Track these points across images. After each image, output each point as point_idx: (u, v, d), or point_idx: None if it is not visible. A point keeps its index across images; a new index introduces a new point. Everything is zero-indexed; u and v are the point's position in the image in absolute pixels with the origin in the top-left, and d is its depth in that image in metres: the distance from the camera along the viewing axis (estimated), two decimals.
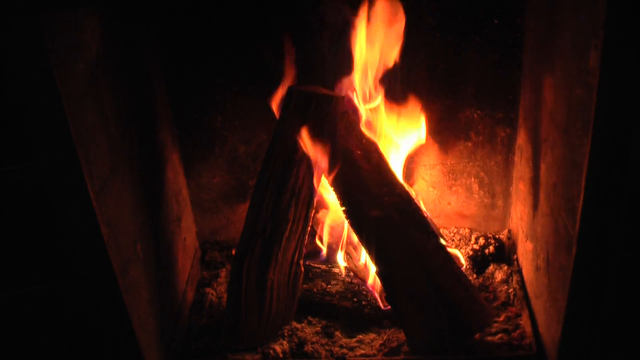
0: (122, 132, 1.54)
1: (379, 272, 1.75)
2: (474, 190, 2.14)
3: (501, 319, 1.83)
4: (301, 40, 1.85)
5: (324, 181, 1.81)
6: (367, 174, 1.74)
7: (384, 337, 1.80)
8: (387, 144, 1.93)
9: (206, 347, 1.80)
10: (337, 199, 1.80)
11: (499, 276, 1.98)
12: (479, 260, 2.04)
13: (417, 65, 1.91)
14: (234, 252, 1.96)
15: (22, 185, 1.32)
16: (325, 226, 1.99)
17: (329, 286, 1.93)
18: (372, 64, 1.82)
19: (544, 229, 1.65)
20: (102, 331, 1.49)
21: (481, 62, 1.90)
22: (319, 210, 1.99)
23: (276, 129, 1.73)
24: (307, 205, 1.76)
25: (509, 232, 2.14)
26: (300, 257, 1.81)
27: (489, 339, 1.76)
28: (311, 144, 1.68)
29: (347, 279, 1.93)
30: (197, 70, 1.95)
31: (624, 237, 1.33)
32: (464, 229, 2.20)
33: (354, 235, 1.84)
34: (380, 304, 1.86)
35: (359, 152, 1.75)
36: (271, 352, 1.76)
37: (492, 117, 2.00)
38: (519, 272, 1.95)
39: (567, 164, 1.41)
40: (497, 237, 2.12)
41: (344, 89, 1.82)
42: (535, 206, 1.76)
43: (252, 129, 2.05)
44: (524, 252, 1.91)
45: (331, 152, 1.73)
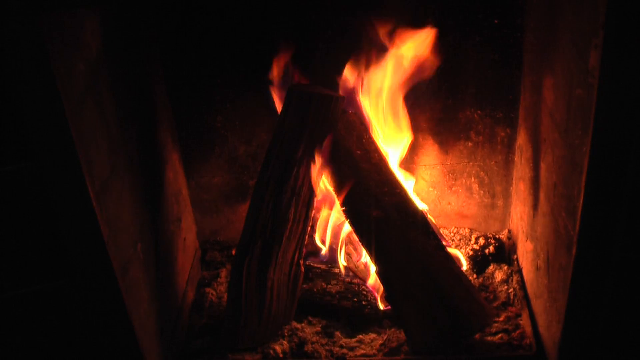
0: (122, 132, 1.54)
1: (379, 272, 1.75)
2: (474, 190, 2.14)
3: (501, 319, 1.83)
4: (301, 40, 1.85)
5: (324, 181, 1.81)
6: (367, 173, 1.74)
7: (384, 337, 1.80)
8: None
9: (206, 347, 1.80)
10: (337, 199, 1.80)
11: (499, 276, 1.98)
12: (479, 260, 2.04)
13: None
14: (234, 252, 1.96)
15: (22, 185, 1.32)
16: (325, 226, 1.99)
17: (329, 286, 1.93)
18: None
19: (544, 229, 1.65)
20: (102, 331, 1.49)
21: (481, 62, 1.90)
22: (319, 210, 1.99)
23: (276, 129, 1.73)
24: (307, 205, 1.76)
25: (509, 232, 2.14)
26: (300, 257, 1.81)
27: (489, 338, 1.76)
28: (311, 144, 1.68)
29: (347, 279, 1.93)
30: (197, 70, 1.95)
31: (623, 237, 1.33)
32: (464, 229, 2.20)
33: (354, 235, 1.84)
34: (380, 304, 1.86)
35: (359, 152, 1.75)
36: (271, 352, 1.76)
37: (492, 117, 2.00)
38: (519, 272, 1.95)
39: (567, 164, 1.41)
40: (497, 237, 2.12)
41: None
42: (535, 206, 1.76)
43: (252, 129, 2.04)
44: (524, 252, 1.91)
45: (331, 152, 1.73)
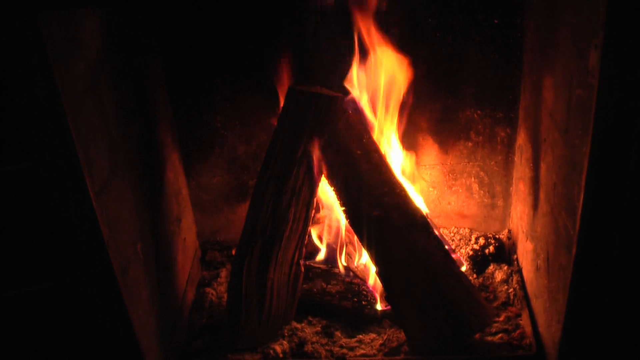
0: (122, 132, 1.54)
1: (379, 272, 1.75)
2: (474, 190, 2.14)
3: (501, 319, 1.83)
4: (302, 39, 1.85)
5: (324, 181, 1.81)
6: (367, 173, 1.74)
7: (384, 337, 1.80)
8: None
9: (206, 347, 1.80)
10: (337, 199, 1.80)
11: (499, 276, 1.98)
12: (479, 260, 2.04)
13: (417, 65, 1.91)
14: (234, 252, 1.96)
15: (22, 185, 1.32)
16: (325, 226, 1.99)
17: (329, 286, 1.93)
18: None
19: (544, 229, 1.65)
20: (102, 331, 1.49)
21: (481, 62, 1.90)
22: (319, 210, 1.99)
23: (276, 129, 1.73)
24: (307, 205, 1.76)
25: (509, 232, 2.14)
26: (300, 257, 1.81)
27: (489, 339, 1.76)
28: (311, 145, 1.68)
29: (347, 279, 1.93)
30: (197, 70, 1.95)
31: (623, 237, 1.33)
32: (464, 229, 2.20)
33: (354, 235, 1.84)
34: (380, 304, 1.86)
35: (359, 152, 1.75)
36: (271, 352, 1.75)
37: (492, 117, 2.00)
38: (519, 272, 1.95)
39: (567, 164, 1.41)
40: (497, 237, 2.12)
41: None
42: (535, 206, 1.76)
43: (252, 129, 2.04)
44: (524, 252, 1.91)
45: (331, 152, 1.73)
